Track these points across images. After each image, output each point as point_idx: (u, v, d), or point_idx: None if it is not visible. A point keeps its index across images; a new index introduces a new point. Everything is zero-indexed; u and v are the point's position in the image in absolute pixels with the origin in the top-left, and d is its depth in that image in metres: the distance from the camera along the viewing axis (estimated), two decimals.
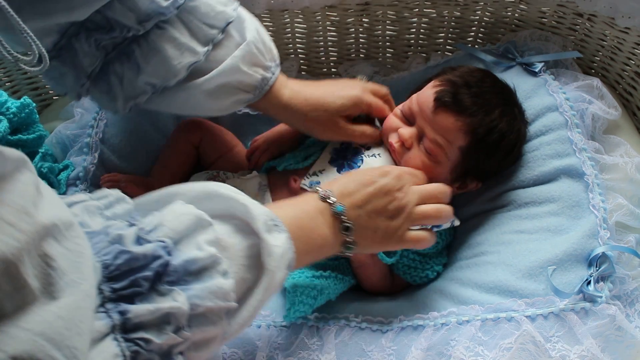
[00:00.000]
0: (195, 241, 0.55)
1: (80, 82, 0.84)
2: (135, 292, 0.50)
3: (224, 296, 0.55)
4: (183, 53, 0.82)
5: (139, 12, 0.78)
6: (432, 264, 0.91)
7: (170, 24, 0.82)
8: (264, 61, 0.88)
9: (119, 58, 0.83)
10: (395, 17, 1.16)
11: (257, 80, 0.87)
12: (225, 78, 0.85)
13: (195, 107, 0.90)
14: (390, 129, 0.93)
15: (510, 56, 1.05)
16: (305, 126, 0.93)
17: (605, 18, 1.04)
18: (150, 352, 0.50)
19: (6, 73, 1.14)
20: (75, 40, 0.80)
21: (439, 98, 0.87)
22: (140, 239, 0.53)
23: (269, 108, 0.92)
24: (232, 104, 0.89)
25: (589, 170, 0.87)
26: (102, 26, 0.79)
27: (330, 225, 0.72)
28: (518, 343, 0.74)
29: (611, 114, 0.94)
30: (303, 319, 0.81)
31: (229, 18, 0.85)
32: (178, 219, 0.56)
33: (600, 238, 0.81)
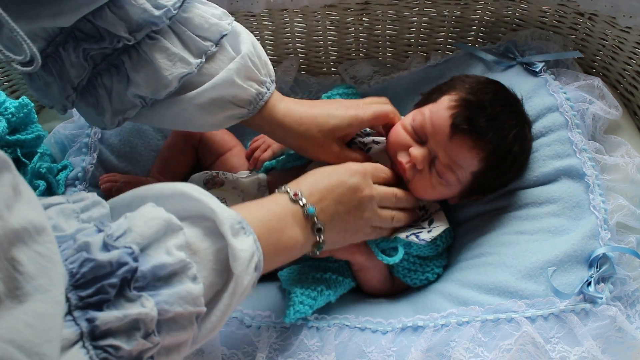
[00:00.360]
0: (164, 246, 0.55)
1: (66, 94, 0.81)
2: (102, 299, 0.50)
3: (193, 301, 0.55)
4: (175, 64, 0.80)
5: (130, 22, 0.76)
6: (432, 266, 0.90)
7: (162, 35, 0.79)
8: (259, 75, 0.85)
9: (108, 70, 0.80)
10: (395, 16, 1.16)
11: (251, 95, 0.84)
12: (218, 91, 0.82)
13: (187, 122, 0.86)
14: (400, 146, 0.89)
15: (510, 56, 1.04)
16: (299, 146, 0.90)
17: (606, 17, 1.04)
18: (120, 358, 0.49)
19: (4, 73, 1.14)
20: (63, 49, 0.77)
21: (456, 124, 0.83)
22: (108, 245, 0.52)
23: (262, 125, 0.89)
24: (226, 119, 0.86)
25: (590, 170, 0.87)
26: (92, 35, 0.76)
27: (302, 226, 0.72)
28: (518, 344, 0.74)
29: (612, 114, 0.94)
30: (303, 320, 0.80)
31: (223, 31, 0.83)
32: (147, 224, 0.55)
33: (601, 239, 0.81)
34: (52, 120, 1.09)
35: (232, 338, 0.78)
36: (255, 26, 1.17)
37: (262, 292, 0.87)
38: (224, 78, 0.82)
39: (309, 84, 1.18)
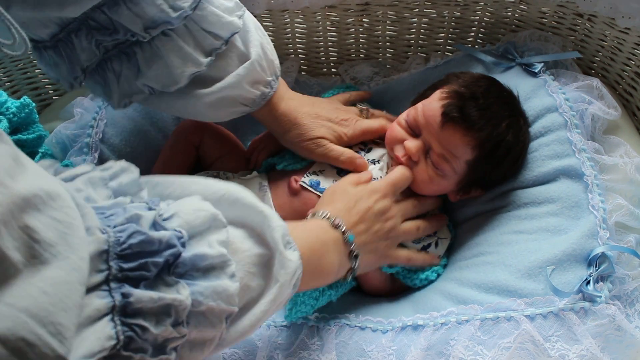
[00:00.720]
0: (207, 239, 0.55)
1: (74, 75, 0.82)
2: (142, 275, 0.49)
3: (228, 299, 0.54)
4: (186, 63, 0.82)
5: (145, 19, 0.77)
6: (432, 267, 0.91)
7: (176, 32, 0.81)
8: (265, 77, 0.88)
9: (119, 56, 0.81)
10: (396, 17, 1.16)
11: (256, 96, 0.88)
12: (226, 92, 0.86)
13: (193, 113, 0.91)
14: (395, 140, 0.92)
15: (509, 57, 1.05)
16: (288, 144, 0.95)
17: (605, 18, 1.04)
18: (144, 341, 0.49)
19: (6, 73, 1.14)
20: (75, 36, 0.78)
21: (447, 113, 0.86)
22: (157, 224, 0.52)
23: (261, 117, 0.93)
24: (229, 114, 0.90)
25: (589, 170, 0.87)
26: (106, 27, 0.77)
27: (340, 252, 0.75)
28: (517, 342, 0.74)
29: (611, 114, 0.94)
30: (303, 319, 0.81)
31: (234, 29, 0.84)
32: (194, 214, 0.55)
33: (600, 238, 0.81)
34: (54, 120, 1.09)
35: None
36: None
37: None
38: (233, 83, 0.85)
39: (310, 85, 1.19)
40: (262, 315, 0.59)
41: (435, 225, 0.91)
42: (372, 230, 0.81)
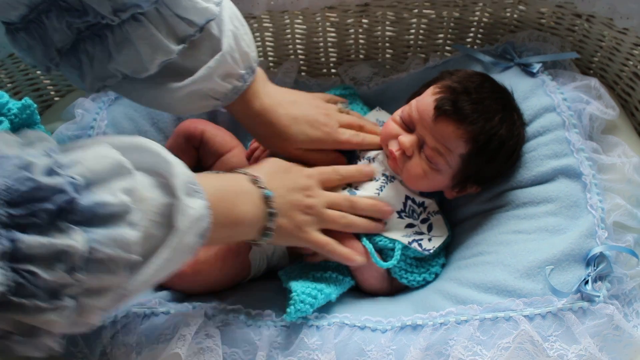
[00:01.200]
0: (110, 186, 0.54)
1: (49, 57, 0.80)
2: (32, 222, 0.48)
3: (127, 247, 0.53)
4: (156, 51, 0.79)
5: (115, 2, 0.73)
6: (428, 267, 0.91)
7: (147, 17, 0.77)
8: (237, 70, 0.85)
9: (92, 38, 0.79)
10: (395, 18, 1.17)
11: (228, 90, 0.85)
12: (197, 86, 0.83)
13: (163, 106, 0.88)
14: (390, 136, 0.93)
15: (508, 57, 1.05)
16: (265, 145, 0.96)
17: (603, 19, 1.04)
18: (36, 287, 0.48)
19: (8, 74, 1.14)
20: (46, 17, 0.76)
21: (439, 106, 0.87)
22: (52, 170, 0.51)
23: (235, 112, 0.91)
24: (200, 107, 0.88)
25: (587, 170, 0.88)
26: (76, 8, 0.75)
27: (256, 206, 0.74)
28: (516, 342, 0.74)
29: (609, 114, 0.95)
30: (303, 319, 0.81)
31: (209, 16, 0.81)
32: (97, 160, 0.54)
33: (598, 238, 0.81)
34: (55, 121, 1.09)
35: (232, 336, 0.79)
36: (255, 28, 1.18)
37: (263, 290, 0.88)
38: (204, 75, 0.82)
39: (309, 86, 1.19)
40: (164, 264, 0.58)
41: (368, 227, 0.89)
42: (290, 197, 0.80)
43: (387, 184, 0.93)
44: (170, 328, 0.78)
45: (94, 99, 1.07)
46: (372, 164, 0.95)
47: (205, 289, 0.88)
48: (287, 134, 0.90)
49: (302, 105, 0.94)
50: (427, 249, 0.89)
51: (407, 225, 0.91)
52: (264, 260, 0.93)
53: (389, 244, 0.90)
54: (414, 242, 0.89)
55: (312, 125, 0.91)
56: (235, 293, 0.88)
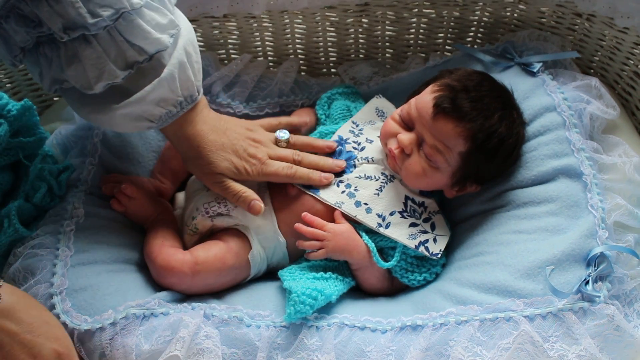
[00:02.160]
0: None
1: (13, 54, 0.81)
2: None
3: None
4: (102, 74, 0.80)
5: (66, 19, 0.75)
6: (429, 266, 0.91)
7: (98, 39, 0.78)
8: (175, 97, 0.85)
9: (50, 43, 0.80)
10: (395, 17, 1.17)
11: (162, 114, 0.86)
12: (131, 108, 0.83)
13: (99, 121, 0.89)
14: (389, 134, 0.93)
15: (508, 56, 1.05)
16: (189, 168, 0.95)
17: (604, 18, 1.04)
18: None
19: (7, 74, 1.14)
20: (5, 22, 0.77)
21: (438, 104, 0.87)
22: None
23: (167, 135, 0.92)
24: (133, 127, 0.88)
25: (587, 170, 0.87)
26: (31, 19, 0.76)
27: None
28: (516, 343, 0.74)
29: (609, 114, 0.95)
30: (302, 320, 0.81)
31: (161, 47, 0.82)
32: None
33: (599, 238, 0.81)
34: (54, 121, 1.09)
35: (232, 337, 0.79)
36: (255, 28, 1.18)
37: (262, 291, 0.88)
38: (138, 98, 0.83)
39: (309, 85, 1.19)
40: None
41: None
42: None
43: (386, 184, 0.93)
44: (170, 329, 0.78)
45: None
46: (370, 164, 0.95)
47: (205, 289, 0.88)
48: (211, 159, 0.90)
49: (233, 133, 0.93)
50: (434, 253, 0.89)
51: (411, 225, 0.90)
52: (264, 260, 0.93)
53: (390, 244, 0.90)
54: (420, 246, 0.89)
55: (238, 155, 0.91)
56: (234, 293, 0.88)
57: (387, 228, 0.89)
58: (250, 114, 1.11)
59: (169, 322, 0.79)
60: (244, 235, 0.92)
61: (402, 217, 0.91)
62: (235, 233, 0.92)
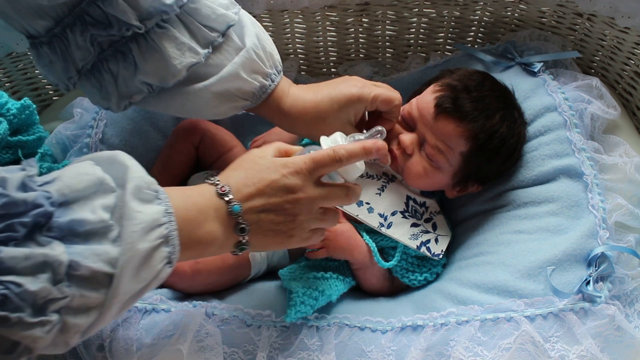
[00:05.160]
0: (91, 203, 0.53)
1: (68, 75, 0.81)
2: (9, 237, 0.48)
3: (110, 261, 0.52)
4: (184, 53, 0.81)
5: (140, 10, 0.77)
6: (430, 266, 0.91)
7: (171, 24, 0.80)
8: (263, 68, 0.85)
9: (114, 56, 0.81)
10: (395, 17, 1.16)
11: (255, 88, 0.85)
12: (223, 85, 0.83)
13: (192, 111, 0.88)
14: (391, 135, 0.92)
15: (509, 56, 1.05)
16: (307, 134, 0.91)
17: (605, 18, 1.04)
18: (22, 300, 0.47)
19: (6, 73, 1.14)
20: (70, 31, 0.78)
21: (440, 104, 0.87)
22: (26, 185, 0.51)
23: (269, 115, 0.89)
24: (230, 109, 0.87)
25: (588, 170, 0.87)
26: (101, 22, 0.77)
27: (224, 223, 0.67)
28: (517, 343, 0.74)
29: (610, 114, 0.95)
30: (303, 319, 0.81)
31: (230, 21, 0.83)
32: (78, 177, 0.54)
33: (600, 238, 0.81)
34: (54, 120, 1.09)
35: (233, 336, 0.78)
36: None
37: (263, 291, 0.88)
38: (230, 72, 0.83)
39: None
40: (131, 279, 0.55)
41: None
42: (271, 206, 0.68)
43: (387, 184, 0.92)
44: (172, 325, 0.78)
45: None
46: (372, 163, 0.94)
47: (205, 288, 0.88)
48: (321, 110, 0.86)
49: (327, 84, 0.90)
50: (436, 254, 0.89)
51: (413, 225, 0.90)
52: (264, 260, 0.93)
53: (391, 243, 0.89)
54: (422, 246, 0.89)
55: (343, 90, 0.87)
56: (235, 293, 0.87)
57: (388, 228, 0.89)
58: (250, 114, 1.11)
59: (170, 318, 0.79)
60: None
61: (404, 217, 0.90)
62: None
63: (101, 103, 0.86)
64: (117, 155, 0.59)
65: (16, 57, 1.13)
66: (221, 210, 0.67)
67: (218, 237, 0.66)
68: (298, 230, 0.71)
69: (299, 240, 0.73)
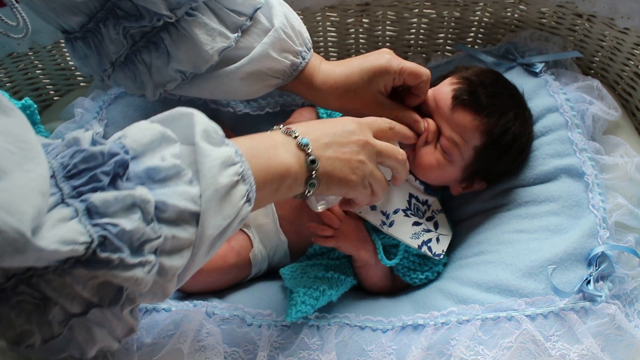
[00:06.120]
0: (159, 154, 0.54)
1: (102, 67, 0.84)
2: (95, 187, 0.49)
3: (192, 199, 0.54)
4: (215, 38, 0.83)
5: (170, 0, 0.79)
6: (431, 264, 0.91)
7: (200, 11, 0.82)
8: (293, 46, 0.87)
9: (147, 47, 0.83)
10: (395, 17, 1.17)
11: (286, 66, 0.87)
12: (255, 65, 0.85)
13: (225, 93, 0.91)
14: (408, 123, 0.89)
15: (510, 57, 1.05)
16: (340, 108, 0.91)
17: (604, 19, 1.04)
18: (120, 240, 0.49)
19: (7, 73, 1.14)
20: (103, 26, 0.80)
21: (457, 96, 0.87)
22: (96, 141, 0.52)
23: (303, 92, 0.91)
24: (262, 87, 0.89)
25: (589, 170, 0.88)
26: (132, 14, 0.79)
27: (295, 155, 0.68)
28: (518, 342, 0.74)
29: (611, 115, 0.95)
30: (303, 319, 0.81)
31: (256, 4, 0.85)
32: (142, 132, 0.55)
33: (600, 237, 0.81)
34: (55, 120, 1.09)
35: (233, 336, 0.78)
36: None
37: (263, 290, 0.88)
38: (260, 52, 0.85)
39: None
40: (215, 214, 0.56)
41: None
42: (336, 144, 0.71)
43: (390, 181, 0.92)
44: (172, 324, 0.78)
45: (94, 98, 1.06)
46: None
47: (206, 287, 0.88)
48: (353, 82, 0.87)
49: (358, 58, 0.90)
50: (437, 254, 0.89)
51: (414, 224, 0.90)
52: (265, 259, 0.93)
53: (392, 242, 0.89)
54: (423, 246, 0.89)
55: (372, 61, 0.87)
56: (236, 292, 0.87)
57: (390, 227, 0.89)
58: (250, 113, 1.11)
59: (171, 317, 0.79)
60: (245, 234, 0.92)
61: (406, 216, 0.90)
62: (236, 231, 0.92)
63: (136, 92, 0.89)
64: (177, 109, 0.60)
65: (17, 57, 1.13)
66: (290, 145, 0.68)
67: (292, 166, 0.67)
68: (359, 170, 0.73)
69: (357, 185, 0.73)
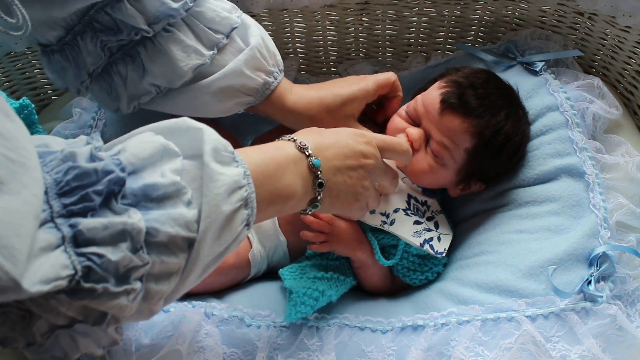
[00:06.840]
0: (159, 169, 0.54)
1: (80, 79, 0.84)
2: (86, 207, 0.48)
3: (186, 225, 0.53)
4: (189, 55, 0.83)
5: (148, 15, 0.79)
6: (431, 265, 0.90)
7: (177, 27, 0.83)
8: (266, 66, 0.89)
9: (123, 59, 0.83)
10: (395, 16, 1.16)
11: (258, 84, 0.88)
12: (228, 81, 0.86)
13: (198, 109, 0.90)
14: (396, 130, 0.92)
15: (511, 55, 1.05)
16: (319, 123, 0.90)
17: (606, 17, 1.04)
18: (105, 271, 0.48)
19: (5, 73, 1.14)
20: (81, 39, 0.80)
21: (445, 100, 0.87)
22: (94, 156, 0.51)
23: (274, 113, 0.92)
24: (234, 105, 0.90)
25: (590, 169, 0.87)
26: (109, 28, 0.80)
27: (303, 178, 0.68)
28: (518, 343, 0.74)
29: (612, 114, 0.94)
30: (303, 320, 0.80)
31: (233, 24, 0.87)
32: (142, 145, 0.54)
33: (601, 237, 0.81)
34: (53, 120, 1.09)
35: (232, 337, 0.78)
36: None
37: (263, 291, 0.87)
38: (234, 68, 0.86)
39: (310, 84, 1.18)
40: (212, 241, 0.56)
41: None
42: (345, 167, 0.72)
43: None
44: (170, 325, 0.77)
45: (92, 98, 1.06)
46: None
47: (204, 288, 0.87)
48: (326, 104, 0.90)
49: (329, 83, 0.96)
50: (439, 252, 0.89)
51: (415, 222, 0.90)
52: (264, 260, 0.92)
53: (392, 242, 0.89)
54: (425, 244, 0.88)
55: (344, 87, 0.92)
56: (234, 293, 0.87)
57: (392, 225, 0.88)
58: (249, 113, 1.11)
59: (169, 318, 0.78)
60: None
61: (406, 215, 0.90)
62: None
63: (110, 105, 0.88)
64: (185, 121, 0.59)
65: (15, 57, 1.13)
66: (301, 164, 0.68)
67: (297, 190, 0.67)
68: (362, 197, 0.75)
69: (359, 207, 0.76)
